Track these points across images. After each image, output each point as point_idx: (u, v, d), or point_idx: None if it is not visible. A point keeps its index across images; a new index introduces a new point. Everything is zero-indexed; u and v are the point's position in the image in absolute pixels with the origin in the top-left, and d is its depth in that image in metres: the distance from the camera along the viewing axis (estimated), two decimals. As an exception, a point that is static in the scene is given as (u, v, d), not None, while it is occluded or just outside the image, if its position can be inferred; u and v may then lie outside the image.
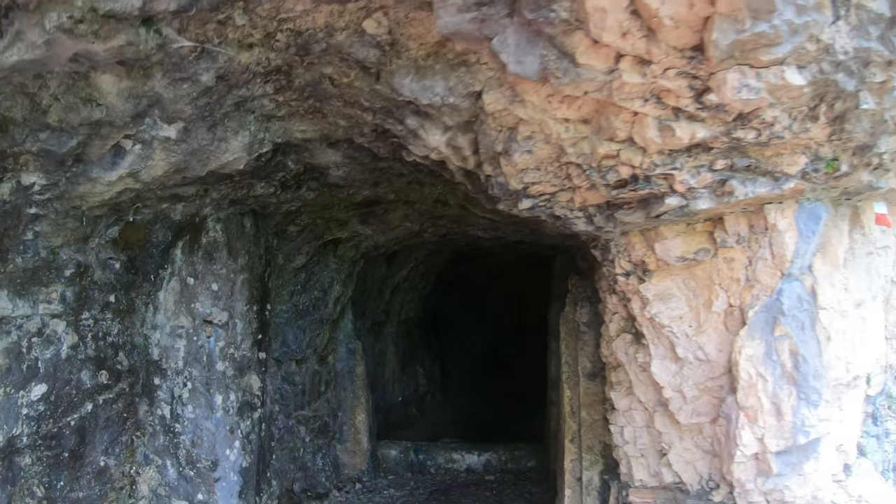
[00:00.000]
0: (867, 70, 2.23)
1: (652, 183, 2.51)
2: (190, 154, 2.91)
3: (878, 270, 3.40)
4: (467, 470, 7.33)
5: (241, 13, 2.11)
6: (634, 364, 3.44)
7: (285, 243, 5.16)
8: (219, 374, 4.49)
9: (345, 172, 3.85)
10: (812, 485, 3.01)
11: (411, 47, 2.38)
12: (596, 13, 1.92)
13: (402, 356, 8.74)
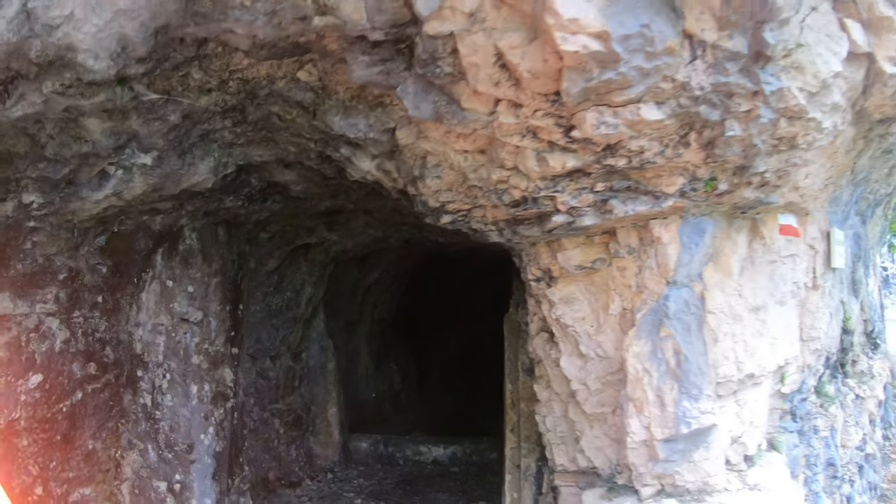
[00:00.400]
0: (731, 101, 2.61)
1: (539, 203, 3.02)
2: (164, 177, 3.46)
3: (783, 277, 3.80)
4: (434, 462, 7.84)
5: (197, 69, 2.65)
6: (550, 360, 3.93)
7: (257, 249, 5.73)
8: (194, 367, 5.06)
9: (303, 187, 4.40)
10: (702, 471, 3.34)
11: (339, 91, 2.92)
12: (471, 68, 2.45)
13: (376, 354, 9.28)
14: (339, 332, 8.11)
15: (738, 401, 3.58)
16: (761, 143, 2.79)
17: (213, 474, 5.16)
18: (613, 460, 3.76)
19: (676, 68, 2.42)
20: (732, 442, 3.55)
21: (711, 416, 3.21)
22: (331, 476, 7.33)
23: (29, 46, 2.12)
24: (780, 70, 2.60)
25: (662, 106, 2.54)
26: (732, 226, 3.43)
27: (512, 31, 2.31)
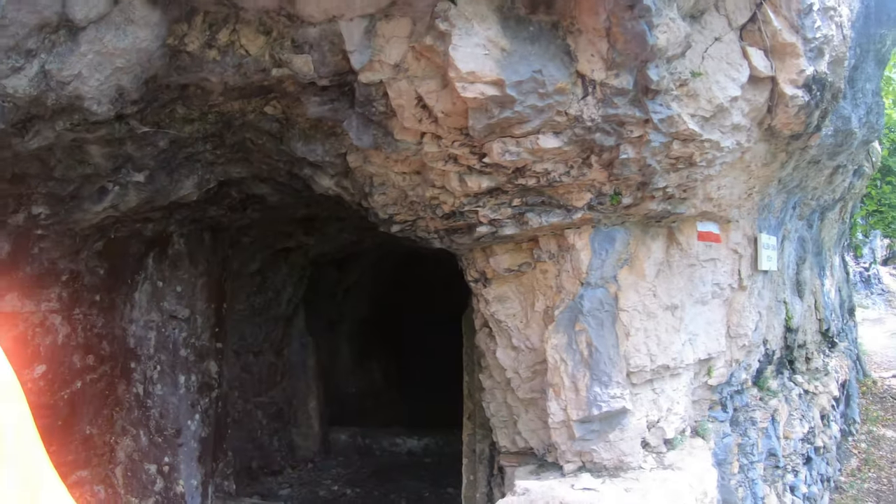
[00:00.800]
0: (623, 129, 3.08)
1: (466, 216, 3.60)
2: (155, 191, 4.08)
3: (703, 279, 4.32)
4: (408, 453, 8.44)
5: (180, 105, 3.29)
6: (490, 351, 4.44)
7: (240, 252, 6.38)
8: (182, 359, 5.68)
9: (278, 198, 5.02)
10: (618, 450, 3.75)
11: (299, 121, 3.53)
12: (399, 108, 3.07)
13: (357, 352, 9.87)
14: (321, 330, 8.69)
15: (654, 389, 4.00)
16: (656, 163, 3.29)
17: (198, 457, 5.79)
18: (545, 441, 4.17)
19: (569, 104, 2.96)
20: (650, 426, 3.99)
21: (621, 400, 3.67)
22: (311, 465, 7.96)
23: (46, 97, 2.74)
24: (671, 99, 3.09)
25: (560, 135, 3.08)
26: (647, 234, 3.93)
27: (428, 79, 2.92)
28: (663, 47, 2.84)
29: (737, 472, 5.20)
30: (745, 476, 5.34)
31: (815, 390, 7.51)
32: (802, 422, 6.73)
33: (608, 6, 2.66)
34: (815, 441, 7.12)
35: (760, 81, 3.46)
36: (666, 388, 4.08)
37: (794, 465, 6.47)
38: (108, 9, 2.55)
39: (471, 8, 2.72)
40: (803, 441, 6.73)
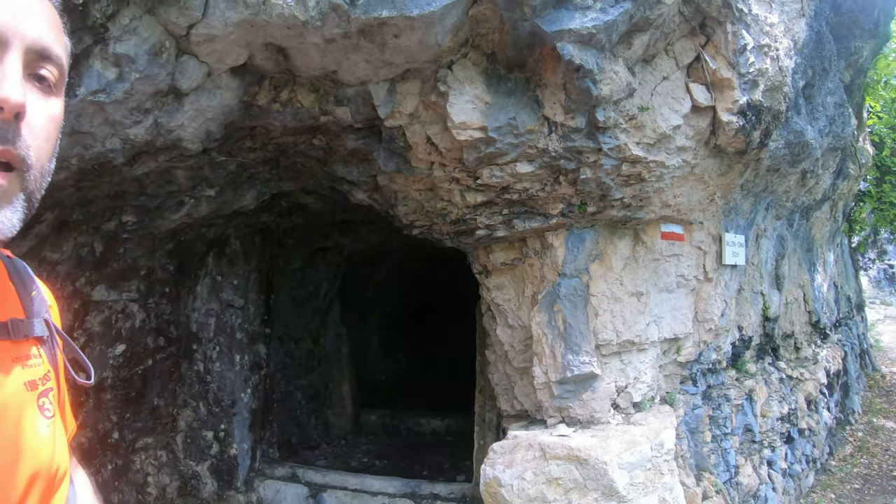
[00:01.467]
0: (581, 156, 4.06)
1: (467, 222, 4.76)
2: (222, 203, 5.32)
3: (666, 271, 5.24)
4: (431, 432, 9.52)
5: (248, 139, 4.52)
6: (492, 330, 5.59)
7: (285, 251, 7.61)
8: (237, 341, 6.93)
9: (320, 206, 6.25)
10: (590, 408, 4.76)
11: (340, 151, 4.72)
12: (414, 144, 4.25)
13: (386, 342, 11.05)
14: (353, 321, 9.87)
15: (622, 360, 4.98)
16: (610, 181, 4.27)
17: (249, 426, 7.04)
18: (534, 402, 5.20)
19: (538, 140, 4.03)
20: (619, 391, 4.97)
21: (590, 366, 4.72)
22: (344, 442, 9.11)
23: (155, 140, 3.93)
24: (619, 131, 3.99)
25: (532, 162, 4.16)
26: (615, 234, 4.94)
27: (434, 124, 4.08)
28: (607, 96, 3.79)
29: (709, 441, 6.04)
30: (719, 445, 6.18)
31: (799, 377, 8.33)
32: (782, 403, 7.48)
33: (563, 68, 3.67)
34: (798, 423, 7.88)
35: (702, 110, 4.28)
36: (633, 360, 5.08)
37: (772, 442, 7.21)
38: (204, 80, 3.76)
39: (463, 73, 3.86)
40: (782, 421, 7.47)
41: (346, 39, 3.50)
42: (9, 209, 1.01)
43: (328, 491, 7.01)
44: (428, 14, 3.34)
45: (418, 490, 6.72)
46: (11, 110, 0.99)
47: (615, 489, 4.26)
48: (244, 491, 7.15)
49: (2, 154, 0.98)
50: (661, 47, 4.12)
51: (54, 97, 1.11)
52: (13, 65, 1.02)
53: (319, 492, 7.01)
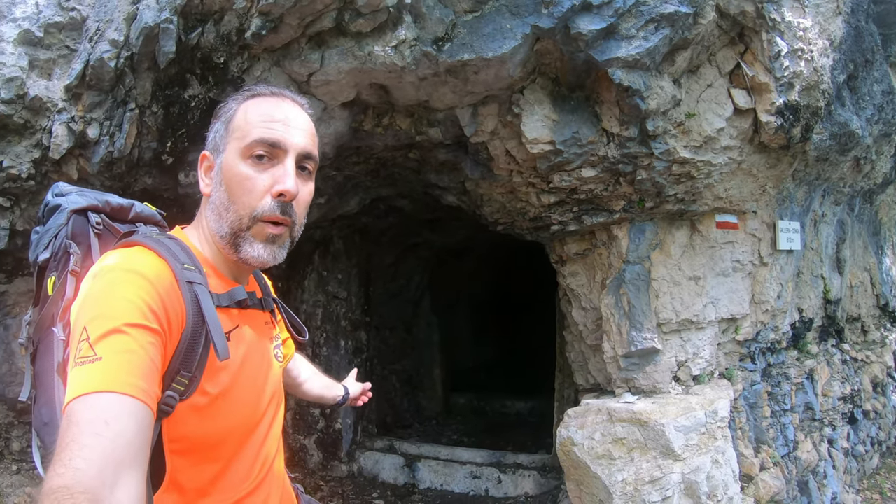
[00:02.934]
0: (637, 160, 4.65)
1: (543, 219, 5.60)
2: (329, 209, 6.35)
3: (722, 257, 5.77)
4: (516, 414, 10.31)
5: (354, 156, 5.51)
6: (569, 313, 6.38)
7: (380, 248, 8.63)
8: (342, 328, 7.95)
9: (413, 208, 7.24)
10: (652, 379, 5.43)
11: (432, 162, 5.64)
12: (495, 156, 5.12)
13: (473, 330, 11.90)
14: (443, 311, 10.74)
15: (681, 337, 5.65)
16: (663, 180, 4.86)
17: (370, 404, 8.07)
18: (605, 375, 5.92)
19: (598, 149, 4.75)
20: (679, 365, 5.64)
21: (651, 342, 5.46)
22: (434, 422, 10.03)
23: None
24: (668, 137, 4.55)
25: (595, 168, 4.91)
26: (673, 225, 5.59)
27: (511, 139, 4.94)
28: (654, 109, 4.38)
29: (768, 416, 6.54)
30: (777, 420, 6.67)
31: (865, 359, 8.65)
32: (844, 384, 7.85)
33: (615, 89, 4.38)
34: (862, 405, 8.22)
35: (744, 112, 4.73)
36: (692, 338, 5.73)
37: (833, 421, 7.61)
38: (321, 114, 4.76)
39: (533, 96, 4.73)
40: (844, 401, 7.84)
41: (435, 77, 4.46)
42: (283, 248, 1.74)
43: (422, 461, 7.98)
44: (500, 55, 4.24)
45: (503, 460, 7.64)
46: (292, 197, 1.67)
47: (671, 448, 4.99)
48: (346, 461, 8.19)
49: (285, 221, 1.69)
50: (703, 58, 4.63)
51: (310, 181, 1.79)
52: (291, 165, 1.67)
53: (414, 461, 7.99)
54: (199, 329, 1.49)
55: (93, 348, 1.30)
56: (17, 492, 5.40)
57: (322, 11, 4.13)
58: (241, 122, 1.69)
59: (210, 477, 1.57)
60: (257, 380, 1.72)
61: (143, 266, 1.48)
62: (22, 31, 4.79)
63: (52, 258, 1.76)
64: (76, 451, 1.17)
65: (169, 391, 1.43)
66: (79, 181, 4.96)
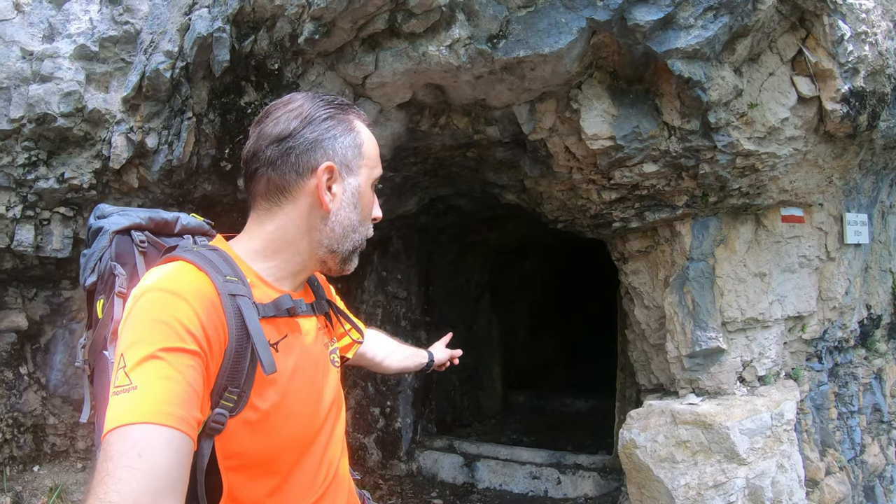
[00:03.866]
0: (699, 154, 4.46)
1: (604, 216, 5.49)
2: (388, 209, 6.21)
3: (788, 252, 5.55)
4: (576, 412, 10.17)
5: (412, 156, 5.49)
6: (631, 312, 6.23)
7: (439, 247, 8.61)
8: (402, 328, 7.95)
9: (472, 206, 7.20)
10: (717, 380, 5.23)
11: (490, 160, 5.59)
12: (555, 153, 5.04)
13: (531, 328, 11.80)
14: (502, 309, 10.65)
15: (747, 336, 5.45)
16: (727, 173, 4.64)
17: (412, 403, 8.08)
18: (668, 375, 5.77)
19: (659, 143, 4.58)
20: (745, 365, 5.45)
21: (716, 341, 5.28)
22: (493, 421, 9.96)
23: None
24: (731, 129, 4.33)
25: (657, 163, 4.77)
26: (737, 219, 5.38)
27: (571, 136, 4.86)
28: (716, 100, 4.20)
29: (835, 419, 6.30)
30: (844, 423, 6.41)
31: None
32: None
33: (675, 81, 4.25)
34: None
35: (808, 101, 4.54)
36: (757, 337, 5.52)
37: None
38: (377, 116, 4.75)
39: (591, 91, 4.63)
40: None
41: (491, 75, 4.40)
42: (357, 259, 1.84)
43: (481, 460, 7.95)
44: (557, 50, 4.17)
45: (563, 460, 7.57)
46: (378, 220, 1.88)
47: (736, 452, 4.84)
48: (406, 460, 8.21)
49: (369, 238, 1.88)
50: (764, 46, 4.44)
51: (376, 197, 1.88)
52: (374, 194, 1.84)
53: (473, 461, 7.96)
54: (243, 343, 1.47)
55: (128, 376, 1.29)
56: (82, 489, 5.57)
57: (374, 13, 4.12)
58: (371, 152, 1.81)
59: (269, 491, 1.56)
60: (312, 389, 1.70)
61: (180, 283, 1.46)
62: (78, 46, 4.94)
63: (99, 281, 1.78)
64: (110, 485, 1.18)
65: (218, 408, 1.43)
66: (139, 190, 5.06)
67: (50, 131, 4.87)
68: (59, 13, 5.11)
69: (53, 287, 5.87)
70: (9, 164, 4.94)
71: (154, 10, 4.93)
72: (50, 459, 5.91)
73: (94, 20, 5.02)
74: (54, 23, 5.05)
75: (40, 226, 5.21)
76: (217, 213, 5.50)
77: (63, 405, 5.96)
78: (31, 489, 5.57)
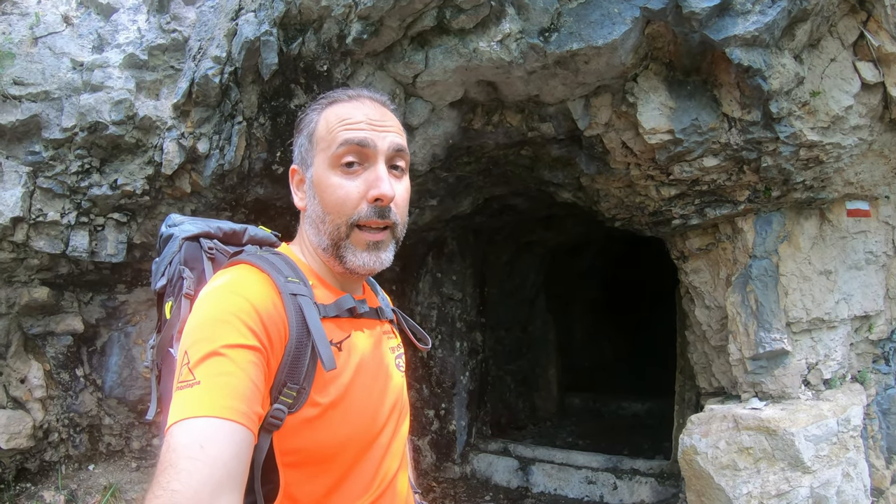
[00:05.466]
0: (761, 146, 4.35)
1: (663, 213, 5.32)
2: (442, 210, 6.26)
3: (854, 248, 5.32)
4: (633, 415, 9.97)
5: (465, 155, 5.38)
6: (691, 312, 6.04)
7: (494, 247, 8.50)
8: (457, 330, 7.87)
9: (527, 206, 7.06)
10: (781, 383, 5.06)
11: (545, 158, 5.46)
12: (611, 149, 4.89)
13: (588, 329, 11.62)
14: (558, 310, 10.52)
15: (812, 337, 5.22)
16: (790, 166, 4.53)
17: (467, 405, 7.98)
18: (730, 378, 5.56)
19: (720, 136, 4.39)
20: (810, 368, 5.21)
21: (781, 343, 5.06)
22: (549, 423, 9.82)
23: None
24: (793, 119, 4.22)
25: (717, 156, 4.58)
26: (801, 215, 5.18)
27: (627, 131, 4.71)
28: (777, 89, 4.07)
29: None
30: None
31: None
32: None
33: (733, 70, 4.07)
34: None
35: (872, 87, 4.38)
36: (823, 338, 5.29)
37: None
38: (429, 116, 4.66)
39: (647, 83, 4.47)
40: None
41: (544, 70, 4.28)
42: (387, 252, 1.69)
43: (536, 464, 7.78)
44: (610, 42, 4.02)
45: (619, 465, 7.36)
46: (389, 200, 1.61)
47: (801, 460, 4.62)
48: (460, 463, 8.09)
49: (385, 223, 1.63)
50: (824, 30, 4.27)
51: (405, 177, 1.73)
52: (382, 167, 1.63)
53: (528, 465, 7.80)
54: (304, 341, 1.49)
55: (192, 372, 1.34)
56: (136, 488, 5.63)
57: (422, 11, 4.04)
58: (324, 132, 1.68)
59: (325, 489, 1.55)
60: (374, 389, 1.68)
61: (242, 284, 1.50)
62: (127, 55, 5.01)
63: (168, 284, 1.83)
64: (173, 474, 1.20)
65: (277, 404, 1.45)
66: (192, 195, 5.06)
67: (102, 139, 4.93)
68: (108, 24, 5.18)
69: (109, 291, 5.96)
70: (62, 172, 5.03)
71: (201, 17, 4.96)
72: (105, 458, 6.00)
73: (142, 29, 5.09)
74: (103, 33, 5.13)
75: (94, 231, 5.29)
76: (270, 217, 5.49)
77: (118, 406, 6.05)
78: (86, 487, 5.67)
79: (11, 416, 5.55)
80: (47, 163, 5.04)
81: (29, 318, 5.70)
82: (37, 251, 5.21)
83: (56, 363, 5.85)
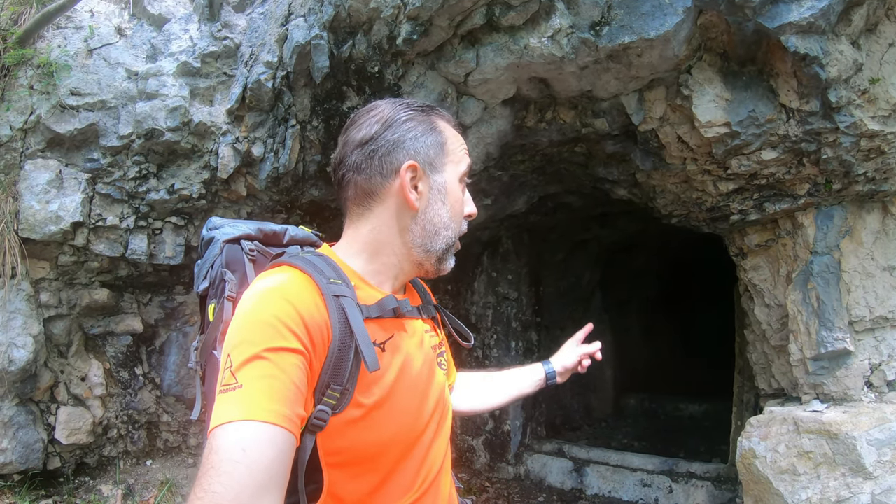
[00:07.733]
0: (820, 137, 4.14)
1: (721, 209, 5.15)
2: (497, 209, 6.19)
3: None
4: (689, 417, 9.76)
5: (519, 153, 5.31)
6: (750, 311, 5.84)
7: (548, 246, 8.39)
8: (513, 329, 7.80)
9: (582, 203, 6.95)
10: (843, 385, 4.82)
11: (599, 154, 5.35)
12: (667, 144, 4.76)
13: (644, 328, 11.38)
14: (613, 308, 10.35)
15: (875, 337, 4.99)
16: (851, 157, 4.31)
17: (521, 405, 7.85)
18: (791, 379, 5.38)
19: (778, 127, 4.21)
20: (873, 369, 4.96)
21: (843, 343, 4.85)
22: (604, 424, 9.67)
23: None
24: (853, 108, 4.02)
25: (776, 149, 4.42)
26: (863, 208, 4.96)
27: (683, 124, 4.58)
28: (836, 77, 3.91)
29: None
30: None
31: None
32: None
33: (790, 58, 3.94)
34: None
35: None
36: (887, 337, 5.03)
37: None
38: (482, 114, 4.61)
39: (702, 75, 4.34)
40: None
41: (596, 65, 4.19)
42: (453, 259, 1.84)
43: (591, 465, 7.63)
44: (663, 34, 3.92)
45: (675, 468, 7.18)
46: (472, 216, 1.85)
47: (862, 465, 4.42)
48: (514, 463, 7.99)
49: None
50: (881, 14, 4.11)
51: None
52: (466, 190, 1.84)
53: (583, 466, 7.66)
54: (347, 342, 1.49)
55: (234, 376, 1.35)
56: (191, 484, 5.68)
57: (471, 9, 3.99)
58: (455, 147, 1.80)
59: (369, 489, 1.56)
60: (417, 388, 1.68)
61: (284, 287, 1.49)
62: (180, 63, 5.10)
63: (211, 286, 1.85)
64: (215, 477, 1.24)
65: (321, 406, 1.45)
66: (247, 198, 5.12)
67: (158, 145, 5.03)
68: (160, 34, 5.28)
69: (167, 292, 6.09)
70: (121, 178, 5.15)
71: (252, 24, 5.01)
72: (162, 454, 6.13)
73: (194, 38, 5.17)
74: (156, 43, 5.23)
75: (153, 235, 5.42)
76: (325, 218, 5.51)
77: (176, 404, 6.18)
78: (143, 482, 5.79)
79: (72, 412, 5.70)
80: (105, 169, 5.17)
81: (90, 319, 5.84)
82: (97, 254, 5.34)
83: (116, 362, 6.00)
